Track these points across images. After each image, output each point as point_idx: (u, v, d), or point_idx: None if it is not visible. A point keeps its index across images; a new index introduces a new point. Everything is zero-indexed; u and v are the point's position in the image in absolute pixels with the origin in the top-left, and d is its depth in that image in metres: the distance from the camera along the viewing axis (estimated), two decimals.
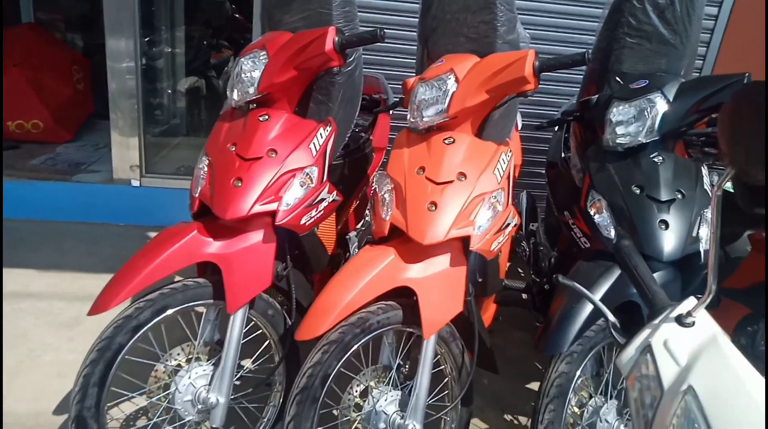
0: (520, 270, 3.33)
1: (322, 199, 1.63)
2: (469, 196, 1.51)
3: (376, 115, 2.46)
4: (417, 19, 1.84)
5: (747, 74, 1.59)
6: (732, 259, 2.28)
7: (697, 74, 3.41)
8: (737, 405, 0.66)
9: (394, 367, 1.58)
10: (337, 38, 1.55)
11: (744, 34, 3.28)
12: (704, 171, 1.73)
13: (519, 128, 2.69)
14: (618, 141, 1.71)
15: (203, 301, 1.54)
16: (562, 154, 2.50)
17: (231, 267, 1.50)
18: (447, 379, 1.63)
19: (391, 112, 2.56)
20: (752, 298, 1.87)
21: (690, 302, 0.83)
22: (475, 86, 1.54)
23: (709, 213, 1.64)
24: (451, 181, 1.52)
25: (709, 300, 0.80)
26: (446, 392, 1.63)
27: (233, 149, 1.56)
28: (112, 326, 1.43)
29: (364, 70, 3.10)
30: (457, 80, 1.57)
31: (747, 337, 2.05)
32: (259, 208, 1.50)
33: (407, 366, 1.66)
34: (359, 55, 1.86)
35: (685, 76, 1.85)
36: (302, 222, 1.59)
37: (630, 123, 1.70)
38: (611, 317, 0.97)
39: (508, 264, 3.35)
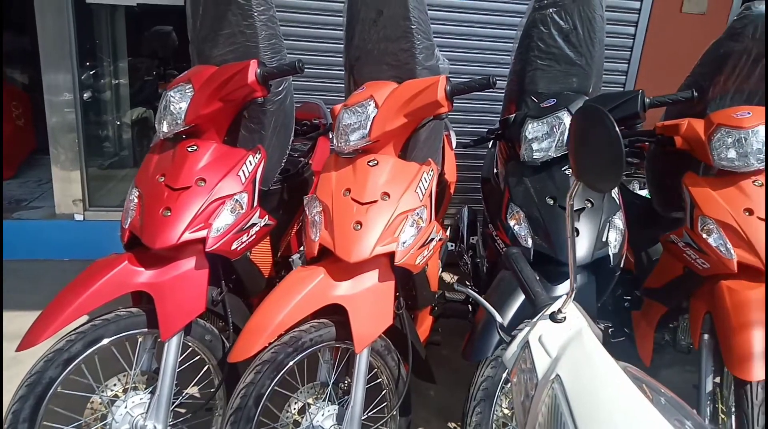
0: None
1: (254, 224, 1.69)
2: (392, 215, 1.59)
3: (315, 140, 2.53)
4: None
5: (641, 91, 1.74)
6: (654, 261, 2.43)
7: (621, 89, 3.64)
8: (594, 389, 0.75)
9: (330, 383, 1.62)
10: (259, 70, 1.62)
11: (659, 49, 3.56)
12: None
13: (454, 146, 2.81)
14: (534, 156, 1.84)
15: (137, 330, 1.56)
16: (494, 170, 2.62)
17: (163, 295, 1.53)
18: (385, 390, 1.68)
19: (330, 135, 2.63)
20: (668, 296, 2.00)
21: (561, 300, 0.92)
22: (394, 111, 1.64)
23: (617, 219, 1.77)
24: (375, 201, 1.59)
25: (573, 297, 0.89)
26: (385, 404, 1.69)
27: (162, 180, 1.60)
28: (42, 360, 1.44)
29: (306, 96, 3.18)
30: (377, 106, 1.66)
31: (669, 332, 2.19)
32: (188, 236, 1.54)
33: (347, 382, 1.71)
34: (289, 84, 1.93)
35: (593, 93, 2.00)
36: (233, 247, 1.64)
37: (543, 139, 1.83)
38: (498, 318, 1.06)
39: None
